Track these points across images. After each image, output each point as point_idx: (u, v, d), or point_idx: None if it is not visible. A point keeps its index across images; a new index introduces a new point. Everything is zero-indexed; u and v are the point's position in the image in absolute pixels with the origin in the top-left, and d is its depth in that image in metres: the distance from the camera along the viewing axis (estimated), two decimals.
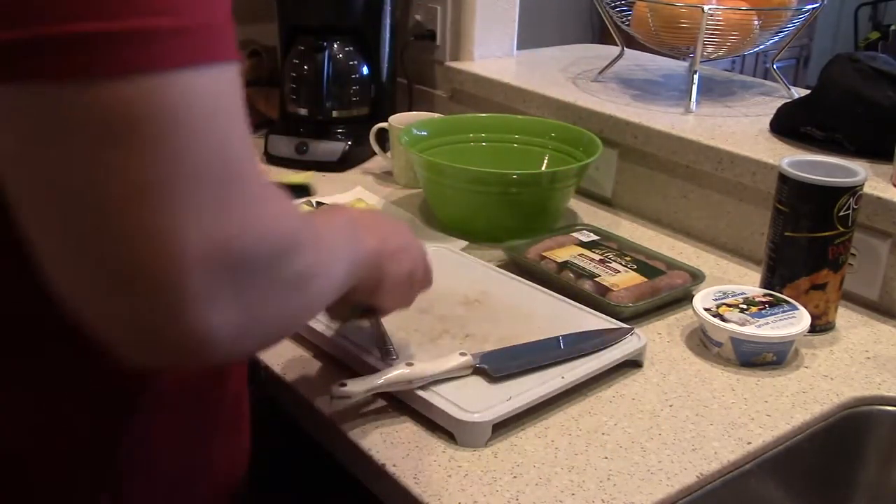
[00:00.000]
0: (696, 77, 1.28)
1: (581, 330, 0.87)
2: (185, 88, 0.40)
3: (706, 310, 0.89)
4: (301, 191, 1.23)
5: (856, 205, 0.90)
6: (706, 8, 1.22)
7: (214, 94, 0.41)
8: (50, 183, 0.39)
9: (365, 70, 1.42)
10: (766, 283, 0.96)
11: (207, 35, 0.41)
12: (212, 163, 0.41)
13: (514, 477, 0.70)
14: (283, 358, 0.86)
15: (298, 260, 0.48)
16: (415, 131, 1.22)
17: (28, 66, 0.37)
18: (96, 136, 0.38)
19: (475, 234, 1.13)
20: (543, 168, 1.23)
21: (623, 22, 1.37)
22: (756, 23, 1.28)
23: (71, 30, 0.37)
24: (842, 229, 0.90)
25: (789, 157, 0.94)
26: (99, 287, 0.41)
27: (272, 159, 1.37)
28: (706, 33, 1.24)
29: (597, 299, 0.95)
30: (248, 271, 0.43)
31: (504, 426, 0.76)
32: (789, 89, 1.37)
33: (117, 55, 0.38)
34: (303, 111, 1.39)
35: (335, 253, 0.57)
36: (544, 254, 1.03)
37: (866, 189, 0.93)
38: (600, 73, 1.45)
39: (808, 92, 1.18)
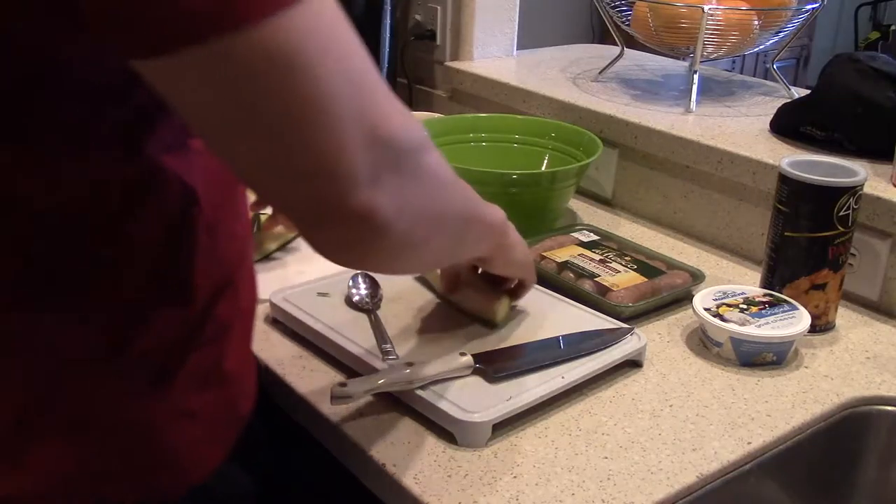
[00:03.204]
0: (696, 77, 1.28)
1: (581, 330, 0.87)
2: (316, 12, 0.48)
3: (706, 310, 0.89)
4: None
5: (856, 205, 0.90)
6: (706, 8, 1.22)
7: (331, 13, 0.49)
8: (242, 111, 0.48)
9: None
10: (766, 283, 0.96)
11: None
12: (348, 65, 0.50)
13: (514, 477, 0.70)
14: (284, 358, 0.86)
15: (429, 156, 0.57)
16: None
17: (212, 25, 0.44)
18: (269, 66, 0.47)
19: None
20: (543, 168, 1.23)
21: (623, 22, 1.37)
22: (756, 23, 1.28)
23: None
24: (842, 229, 0.90)
25: (789, 157, 0.94)
26: (290, 178, 0.51)
27: None
28: (706, 33, 1.24)
29: (597, 299, 0.95)
30: (395, 155, 0.52)
31: (504, 426, 0.76)
32: (789, 89, 1.37)
33: None
34: None
35: (456, 183, 0.65)
36: (544, 254, 1.03)
37: (866, 189, 0.93)
38: (600, 73, 1.45)
39: (808, 92, 1.19)
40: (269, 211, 1.04)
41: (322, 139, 0.49)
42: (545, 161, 1.24)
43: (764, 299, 0.92)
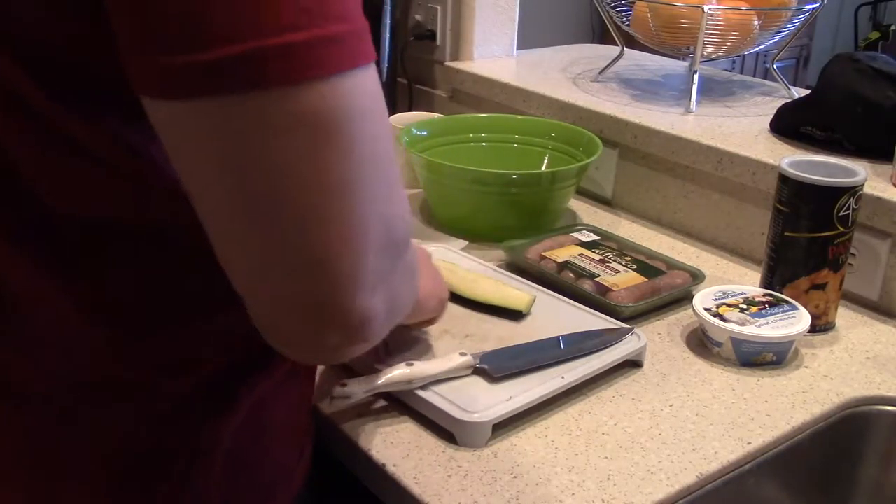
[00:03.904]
0: (696, 77, 1.28)
1: (581, 330, 0.87)
2: (359, 86, 0.43)
3: (706, 310, 0.89)
4: None
5: (856, 205, 0.90)
6: (706, 8, 1.22)
7: (374, 90, 0.45)
8: (243, 181, 0.42)
9: None
10: (766, 283, 0.96)
11: (365, 36, 0.44)
12: (380, 153, 0.45)
13: (514, 477, 0.70)
14: None
15: (412, 249, 0.53)
16: (415, 131, 1.22)
17: (242, 78, 0.40)
18: (292, 135, 0.41)
19: (475, 234, 1.13)
20: (543, 168, 1.23)
21: (623, 22, 1.37)
22: (756, 23, 1.28)
23: (283, 41, 0.40)
24: (842, 229, 0.90)
25: (789, 157, 0.94)
26: (285, 271, 0.44)
27: None
28: (706, 33, 1.24)
29: (597, 299, 0.94)
30: (397, 254, 0.48)
31: (504, 426, 0.76)
32: (789, 89, 1.37)
33: (317, 59, 0.41)
34: None
35: (418, 267, 0.60)
36: (544, 254, 1.03)
37: (866, 189, 0.93)
38: (600, 73, 1.45)
39: (808, 92, 1.18)
40: None
41: (339, 231, 0.43)
42: (545, 161, 1.24)
43: (764, 299, 0.92)
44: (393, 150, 0.47)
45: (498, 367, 0.79)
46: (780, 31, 1.33)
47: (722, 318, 0.88)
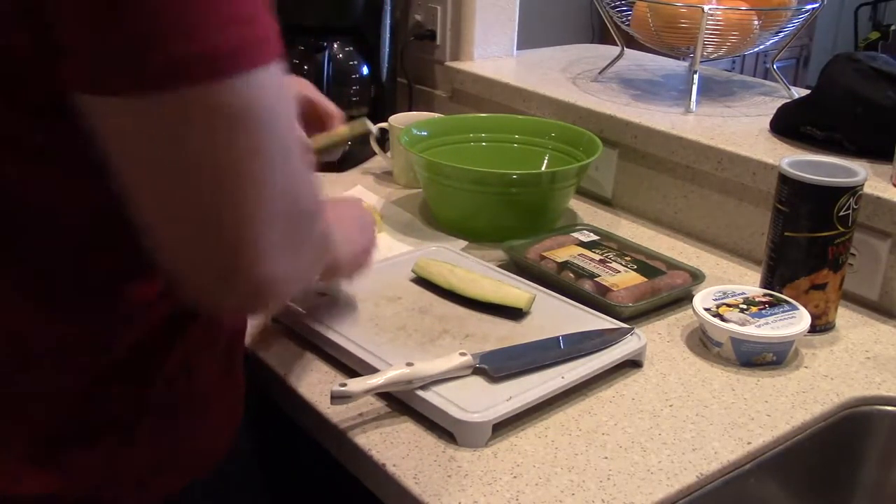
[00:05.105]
0: (696, 77, 1.28)
1: (581, 330, 0.87)
2: (267, 81, 0.50)
3: (706, 310, 0.89)
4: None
5: (856, 205, 0.90)
6: (706, 8, 1.22)
7: (280, 84, 0.51)
8: (168, 163, 0.49)
9: (365, 70, 1.42)
10: (766, 283, 0.96)
11: (274, 38, 0.51)
12: (284, 137, 0.52)
13: (514, 477, 0.70)
14: (283, 358, 0.86)
15: (321, 222, 0.58)
16: (415, 131, 1.22)
17: (189, 74, 0.46)
18: (212, 123, 0.48)
19: (475, 234, 1.13)
20: (543, 168, 1.23)
21: (623, 22, 1.37)
22: (756, 23, 1.28)
23: (211, 46, 0.47)
24: (842, 229, 0.90)
25: (789, 157, 0.94)
26: (199, 241, 0.51)
27: None
28: (706, 33, 1.24)
29: (597, 299, 0.94)
30: (300, 226, 0.55)
31: (504, 426, 0.76)
32: (789, 89, 1.37)
33: (236, 60, 0.48)
34: None
35: (329, 234, 0.65)
36: (544, 254, 1.03)
37: (866, 189, 0.93)
38: (600, 73, 1.45)
39: (808, 92, 1.18)
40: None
41: (245, 209, 0.50)
42: (545, 161, 1.24)
43: (764, 299, 0.92)
44: (295, 137, 0.54)
45: (498, 367, 0.79)
46: (780, 31, 1.33)
47: (722, 318, 0.88)
